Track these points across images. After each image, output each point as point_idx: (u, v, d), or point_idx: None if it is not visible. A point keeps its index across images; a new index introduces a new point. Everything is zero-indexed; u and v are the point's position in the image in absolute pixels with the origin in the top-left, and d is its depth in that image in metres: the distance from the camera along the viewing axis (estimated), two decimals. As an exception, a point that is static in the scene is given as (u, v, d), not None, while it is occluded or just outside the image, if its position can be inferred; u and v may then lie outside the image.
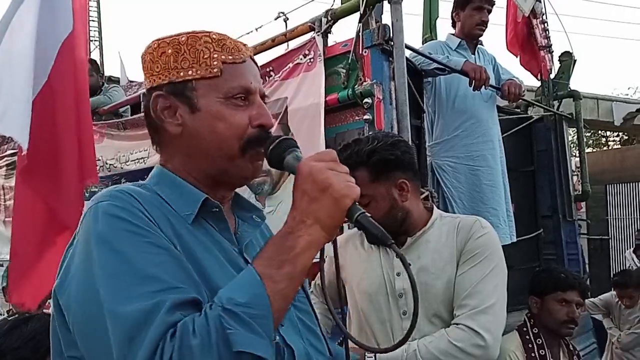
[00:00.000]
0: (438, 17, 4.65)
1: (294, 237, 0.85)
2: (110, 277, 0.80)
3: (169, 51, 0.98)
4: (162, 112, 0.99)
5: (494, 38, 4.08)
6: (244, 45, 1.04)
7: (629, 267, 6.57)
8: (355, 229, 1.75)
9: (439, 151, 3.09)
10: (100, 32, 11.37)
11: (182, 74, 0.97)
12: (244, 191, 2.92)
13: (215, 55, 0.97)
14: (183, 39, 0.98)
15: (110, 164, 3.79)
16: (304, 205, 0.86)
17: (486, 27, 3.26)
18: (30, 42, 2.44)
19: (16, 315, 1.67)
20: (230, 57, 0.98)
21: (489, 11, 3.25)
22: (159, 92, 0.98)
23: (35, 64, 2.41)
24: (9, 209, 4.35)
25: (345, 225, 1.98)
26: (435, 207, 1.75)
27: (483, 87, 2.93)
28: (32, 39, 2.43)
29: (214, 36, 0.99)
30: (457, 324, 1.52)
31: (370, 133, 2.21)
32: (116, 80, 5.71)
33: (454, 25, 3.37)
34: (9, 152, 4.35)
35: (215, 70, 0.97)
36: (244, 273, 0.84)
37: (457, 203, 3.02)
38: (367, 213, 0.88)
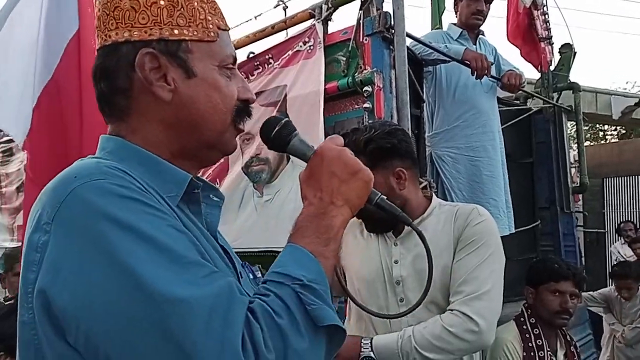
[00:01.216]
0: (445, 9, 4.65)
1: (329, 217, 0.86)
2: (152, 267, 0.68)
3: (162, 3, 0.84)
4: (150, 72, 0.84)
5: (495, 29, 4.07)
6: None
7: (615, 260, 6.58)
8: (355, 218, 1.76)
9: (439, 141, 3.09)
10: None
11: (176, 31, 0.85)
12: (242, 179, 2.92)
13: (210, 18, 0.88)
14: None
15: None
16: (333, 186, 0.87)
17: (484, 16, 3.25)
18: (33, 38, 2.42)
19: (12, 302, 1.65)
20: (222, 23, 0.91)
21: (487, 1, 3.24)
22: (149, 49, 0.83)
23: (39, 61, 2.39)
24: (5, 195, 4.34)
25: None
26: (434, 196, 1.75)
27: (485, 76, 2.93)
28: (35, 34, 2.41)
29: None
30: (451, 310, 1.53)
31: (368, 122, 2.20)
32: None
33: (456, 15, 3.36)
34: (5, 139, 4.33)
35: (212, 34, 0.88)
36: (294, 251, 0.81)
37: (457, 194, 3.02)
38: (383, 196, 0.97)
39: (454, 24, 3.33)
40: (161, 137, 0.87)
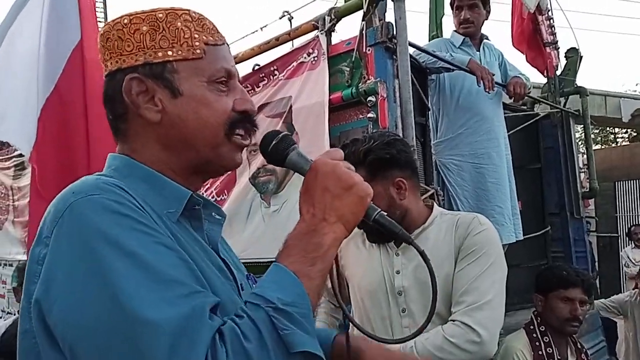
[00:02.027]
0: (444, 15, 4.64)
1: (319, 234, 0.82)
2: (130, 283, 0.70)
3: (144, 28, 0.87)
4: (137, 96, 0.87)
5: (501, 34, 4.07)
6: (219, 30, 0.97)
7: (625, 264, 6.49)
8: (356, 228, 1.76)
9: (443, 149, 3.09)
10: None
11: (160, 54, 0.87)
12: (249, 191, 2.93)
13: (197, 36, 0.89)
14: (161, 15, 0.88)
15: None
16: (326, 202, 0.84)
17: (471, 23, 3.23)
18: (34, 49, 2.43)
19: None
20: (211, 39, 0.91)
21: (471, 6, 3.21)
22: (133, 74, 0.87)
23: (42, 72, 2.41)
24: (17, 209, 4.39)
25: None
26: (435, 205, 1.75)
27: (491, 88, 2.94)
28: (36, 46, 2.42)
29: (193, 14, 0.91)
30: (453, 321, 1.52)
31: (369, 132, 2.21)
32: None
33: None
34: (16, 152, 4.39)
35: (198, 51, 0.89)
36: (276, 272, 0.79)
37: (462, 201, 3.01)
38: (383, 212, 0.91)
39: (456, 31, 3.33)
40: (160, 156, 0.90)
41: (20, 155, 4.28)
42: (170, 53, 0.87)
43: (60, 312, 0.72)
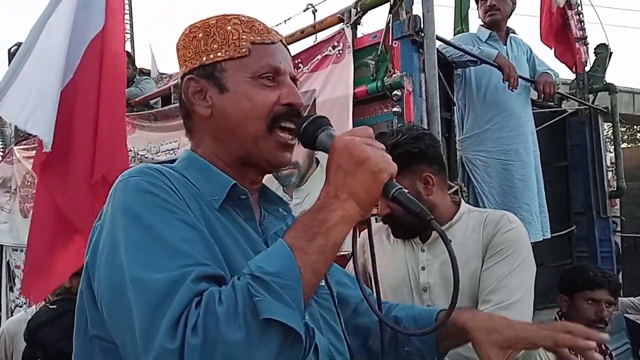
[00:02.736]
0: (469, 7, 4.57)
1: (326, 211, 0.82)
2: (137, 250, 0.79)
3: (200, 35, 0.98)
4: (192, 95, 0.99)
5: (528, 29, 4.00)
6: (275, 31, 1.03)
7: None
8: (381, 222, 1.75)
9: (469, 145, 3.05)
10: (131, 25, 11.53)
11: (211, 55, 0.97)
12: (271, 183, 2.94)
13: (244, 36, 0.97)
14: (213, 21, 0.99)
15: (141, 155, 3.85)
16: (339, 179, 0.83)
17: (497, 10, 3.19)
18: (63, 41, 2.44)
19: (55, 307, 1.65)
20: (259, 38, 0.98)
21: None
22: (190, 75, 0.99)
23: (65, 62, 2.41)
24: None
25: (373, 219, 1.97)
26: (463, 201, 1.73)
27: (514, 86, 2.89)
28: (65, 37, 2.43)
29: (243, 18, 0.99)
30: None
31: (395, 126, 2.19)
32: (147, 73, 5.78)
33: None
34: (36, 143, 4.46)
35: (243, 50, 0.96)
36: (274, 245, 0.81)
37: (489, 198, 2.97)
38: (404, 189, 0.85)
39: (483, 26, 3.29)
40: (213, 148, 1.00)
41: (47, 144, 4.35)
42: (219, 54, 0.97)
43: (97, 274, 0.84)
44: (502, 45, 3.22)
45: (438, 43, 2.53)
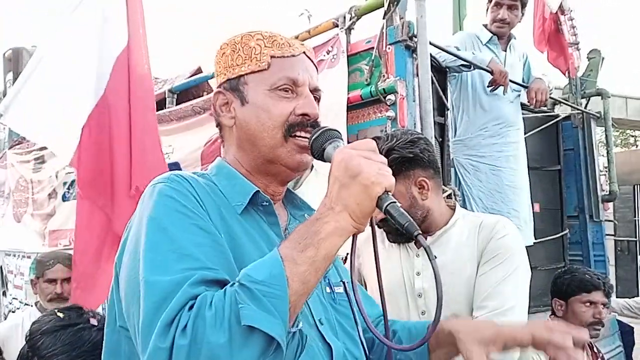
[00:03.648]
0: (466, 16, 4.61)
1: (320, 222, 0.84)
2: (152, 251, 0.85)
3: (228, 51, 1.06)
4: (220, 107, 1.08)
5: (523, 34, 4.02)
6: (301, 43, 1.08)
7: None
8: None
9: (461, 148, 3.06)
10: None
11: (236, 70, 1.04)
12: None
13: (265, 51, 1.03)
14: (239, 38, 1.06)
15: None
16: (334, 191, 0.86)
17: (506, 24, 3.18)
18: (82, 57, 2.47)
19: (62, 316, 1.61)
20: (279, 52, 1.03)
21: (511, 7, 3.15)
22: (219, 89, 1.08)
23: (89, 79, 2.43)
24: (36, 202, 4.45)
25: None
26: (458, 206, 1.72)
27: (502, 88, 2.90)
28: (85, 53, 2.47)
29: (265, 34, 1.05)
30: None
31: (390, 131, 2.19)
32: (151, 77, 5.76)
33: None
34: (37, 146, 4.44)
35: (263, 64, 1.02)
36: (269, 254, 0.84)
37: (476, 201, 2.99)
38: (398, 203, 0.86)
39: (485, 26, 3.26)
40: (237, 156, 1.08)
41: (41, 149, 4.34)
42: (243, 68, 1.04)
43: (121, 270, 0.92)
44: (501, 51, 3.22)
45: (431, 48, 2.55)
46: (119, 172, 2.45)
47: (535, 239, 3.26)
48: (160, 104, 4.15)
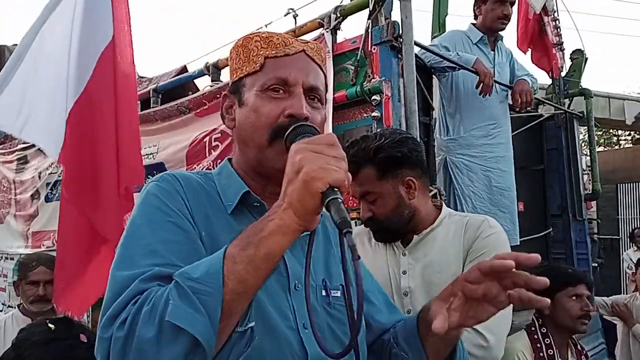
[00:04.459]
0: (447, 14, 4.62)
1: (265, 220, 0.82)
2: (122, 247, 0.90)
3: (234, 55, 1.08)
4: (226, 110, 1.10)
5: (509, 34, 4.05)
6: (299, 41, 1.05)
7: (628, 267, 6.49)
8: (363, 225, 1.76)
9: (455, 147, 3.08)
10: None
11: (237, 73, 1.06)
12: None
13: (261, 52, 1.03)
14: (241, 41, 1.07)
15: (119, 159, 3.81)
16: (283, 188, 0.82)
17: (508, 20, 3.21)
18: (64, 50, 2.42)
19: (52, 327, 1.57)
20: (273, 52, 1.02)
21: (512, 4, 3.20)
22: (226, 92, 1.10)
23: (71, 73, 2.38)
24: (19, 202, 4.39)
25: (354, 222, 1.98)
26: (444, 205, 1.73)
27: (487, 93, 2.93)
28: (66, 46, 2.41)
29: (263, 34, 1.05)
30: None
31: (378, 130, 2.20)
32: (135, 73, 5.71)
33: (476, 18, 3.31)
34: (19, 146, 4.39)
35: (257, 65, 1.02)
36: (217, 252, 0.83)
37: (467, 201, 3.01)
38: (339, 199, 0.79)
39: (475, 26, 3.27)
40: (237, 158, 1.09)
41: (24, 149, 4.29)
42: (242, 71, 1.05)
43: None
44: (490, 51, 3.24)
45: (416, 48, 2.56)
46: (105, 171, 2.42)
47: (519, 237, 3.30)
48: (145, 104, 4.12)
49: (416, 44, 2.47)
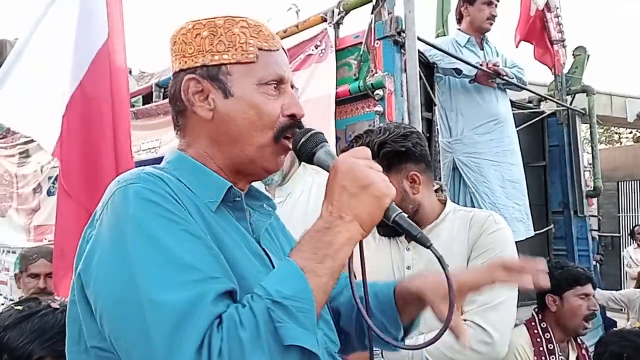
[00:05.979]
0: (450, 11, 4.62)
1: (332, 232, 0.83)
2: (148, 264, 0.77)
3: (204, 33, 0.95)
4: (193, 95, 0.96)
5: (505, 31, 4.06)
6: (278, 37, 1.03)
7: (627, 265, 6.51)
8: None
9: (461, 147, 3.10)
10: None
11: (216, 57, 0.95)
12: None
13: (252, 41, 0.96)
14: (220, 22, 0.96)
15: (121, 154, 3.81)
16: (343, 201, 0.85)
17: (495, 20, 3.28)
18: (61, 46, 2.44)
19: (20, 308, 1.58)
20: (265, 44, 0.97)
21: (496, 4, 3.28)
22: (191, 75, 0.96)
23: (68, 69, 2.41)
24: (21, 196, 4.40)
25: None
26: (449, 200, 1.72)
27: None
28: (63, 42, 2.44)
29: (250, 22, 0.97)
30: (464, 320, 1.48)
31: (382, 124, 2.19)
32: (128, 71, 5.73)
33: (459, 21, 3.36)
34: (21, 140, 4.39)
35: (251, 55, 0.95)
36: (284, 266, 0.82)
37: (483, 198, 3.03)
38: (404, 213, 0.89)
39: (460, 30, 3.34)
40: (209, 151, 0.98)
41: (26, 143, 4.30)
42: (225, 57, 0.95)
43: (95, 285, 0.82)
44: (479, 50, 3.28)
45: (419, 44, 2.56)
46: (102, 164, 2.43)
47: (522, 232, 3.32)
48: (147, 98, 4.12)
49: (419, 39, 2.46)
